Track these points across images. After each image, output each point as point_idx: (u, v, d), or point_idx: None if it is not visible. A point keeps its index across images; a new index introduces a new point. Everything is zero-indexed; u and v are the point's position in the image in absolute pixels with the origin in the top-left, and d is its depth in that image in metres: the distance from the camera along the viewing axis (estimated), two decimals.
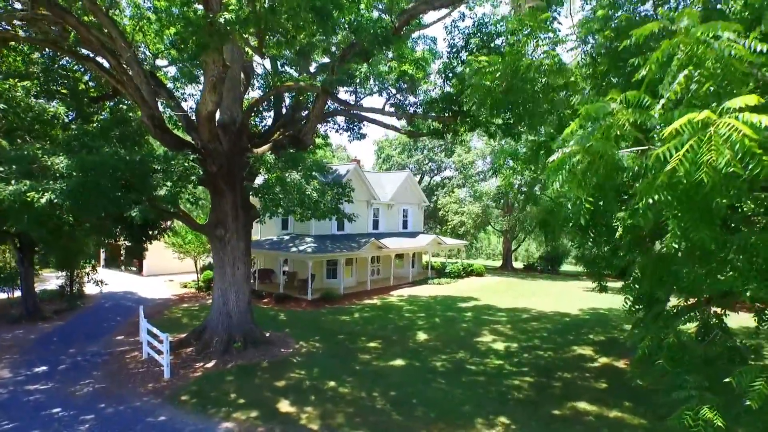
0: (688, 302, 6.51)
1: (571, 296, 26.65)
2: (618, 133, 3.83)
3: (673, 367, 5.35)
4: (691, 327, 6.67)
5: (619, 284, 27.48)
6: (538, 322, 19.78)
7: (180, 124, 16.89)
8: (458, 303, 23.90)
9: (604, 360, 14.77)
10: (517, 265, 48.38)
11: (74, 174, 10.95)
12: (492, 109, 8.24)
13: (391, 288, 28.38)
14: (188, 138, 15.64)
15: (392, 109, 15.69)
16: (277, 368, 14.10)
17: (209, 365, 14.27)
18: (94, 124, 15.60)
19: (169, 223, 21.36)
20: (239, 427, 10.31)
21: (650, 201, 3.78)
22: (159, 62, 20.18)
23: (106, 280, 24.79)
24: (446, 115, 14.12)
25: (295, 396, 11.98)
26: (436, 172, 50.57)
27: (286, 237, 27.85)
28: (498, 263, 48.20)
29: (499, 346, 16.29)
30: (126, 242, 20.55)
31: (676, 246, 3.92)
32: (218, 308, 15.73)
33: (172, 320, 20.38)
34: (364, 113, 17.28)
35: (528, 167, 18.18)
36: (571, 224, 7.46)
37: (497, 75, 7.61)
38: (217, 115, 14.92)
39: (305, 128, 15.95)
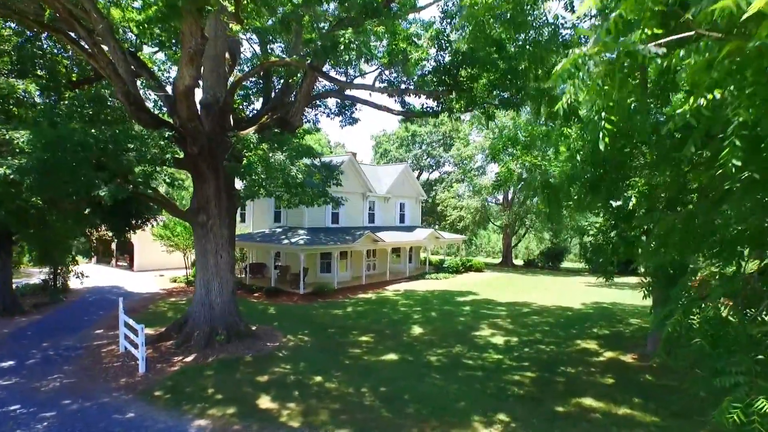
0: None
1: (573, 291, 25.76)
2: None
3: (713, 346, 4.40)
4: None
5: (622, 279, 26.65)
6: (539, 316, 18.89)
7: (165, 108, 16.01)
8: (456, 297, 23.01)
9: (609, 354, 13.88)
10: (517, 262, 47.49)
11: (36, 149, 10.05)
12: (489, 46, 7.24)
13: (387, 283, 27.49)
14: (170, 121, 14.75)
15: (383, 85, 14.78)
16: (261, 362, 13.22)
17: (189, 359, 13.38)
18: (65, 102, 14.67)
19: (160, 218, 20.48)
20: (213, 425, 9.42)
21: (701, 101, 2.79)
22: (148, 49, 19.30)
23: (96, 276, 24.02)
24: (441, 89, 13.22)
25: (277, 391, 11.10)
26: (434, 167, 49.67)
27: (279, 230, 26.97)
28: (498, 261, 47.28)
29: (499, 340, 15.40)
30: (108, 233, 19.53)
31: (737, 166, 2.89)
32: (200, 299, 14.84)
33: (157, 314, 19.48)
34: (354, 91, 16.38)
35: (529, 153, 17.36)
36: (581, 180, 6.54)
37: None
38: (199, 94, 14.06)
39: (293, 109, 15.07)
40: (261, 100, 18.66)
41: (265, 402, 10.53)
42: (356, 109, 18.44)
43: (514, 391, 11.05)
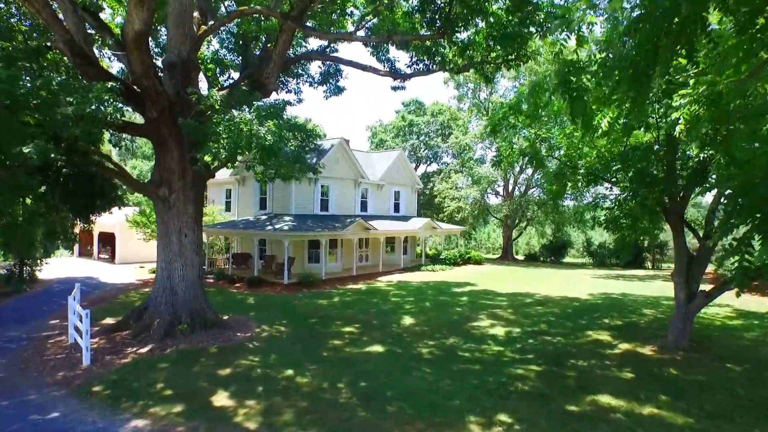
0: None
1: (578, 282, 24.06)
2: None
3: None
4: None
5: (630, 272, 24.94)
6: (543, 306, 17.19)
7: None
8: (452, 288, 21.30)
9: (625, 346, 12.18)
10: (518, 257, 45.80)
11: None
12: None
13: (380, 274, 25.79)
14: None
15: (365, 33, 13.07)
16: (227, 354, 11.54)
17: (144, 350, 11.70)
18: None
19: (135, 208, 18.73)
20: (152, 426, 7.76)
21: None
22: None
23: (73, 267, 22.35)
24: (431, 32, 11.51)
25: (238, 386, 9.43)
26: (432, 159, 47.92)
27: (264, 216, 25.27)
28: (497, 255, 45.57)
29: (499, 331, 13.70)
30: (70, 215, 17.80)
31: None
32: (161, 284, 13.16)
33: (126, 304, 17.77)
34: (336, 44, 14.66)
35: (533, 123, 15.66)
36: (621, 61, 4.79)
37: None
38: (156, 53, 12.36)
39: (268, 70, 13.36)
40: (239, 75, 16.97)
41: (221, 399, 8.86)
42: (341, 76, 16.72)
43: (518, 387, 9.36)
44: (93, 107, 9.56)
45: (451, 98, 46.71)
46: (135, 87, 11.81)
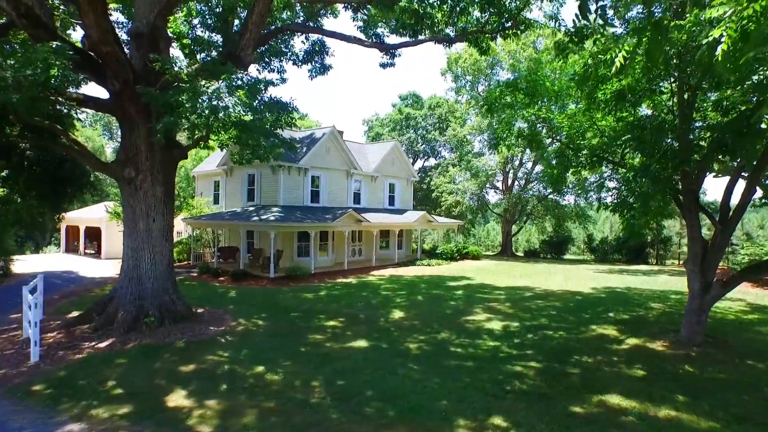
0: None
1: (580, 277, 22.97)
2: None
3: None
4: None
5: (633, 267, 23.85)
6: (543, 300, 16.08)
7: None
8: (447, 282, 20.20)
9: (633, 341, 11.08)
10: (518, 253, 44.69)
11: None
12: None
13: (373, 268, 24.68)
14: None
15: None
16: (195, 349, 10.46)
17: (103, 344, 10.61)
18: None
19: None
20: (90, 430, 6.65)
21: None
22: None
23: (56, 263, 21.23)
24: None
25: (199, 385, 8.35)
26: (430, 154, 46.78)
27: (251, 208, 24.17)
28: (496, 252, 44.43)
29: (495, 325, 12.60)
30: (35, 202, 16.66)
31: None
32: (127, 273, 12.06)
33: (99, 297, 16.61)
34: (319, 18, 13.56)
35: (532, 102, 14.55)
36: None
37: None
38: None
39: (244, 41, 12.25)
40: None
41: (176, 398, 7.77)
42: (326, 54, 15.58)
43: (515, 385, 8.26)
44: (35, 71, 8.44)
45: (449, 90, 45.55)
46: (94, 55, 10.68)
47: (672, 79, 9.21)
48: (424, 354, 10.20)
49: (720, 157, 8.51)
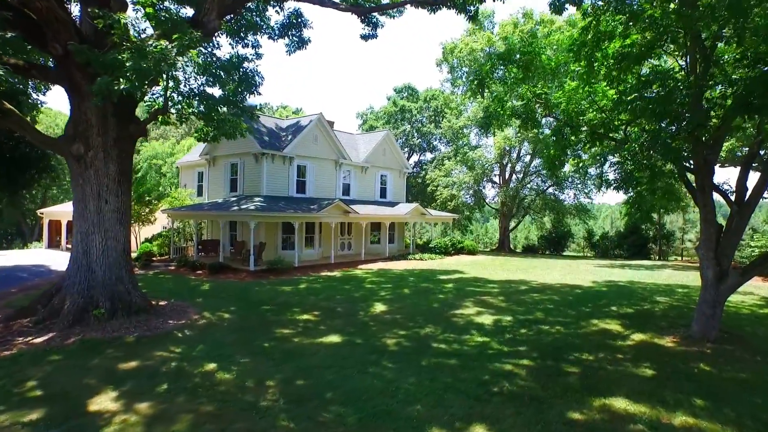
0: None
1: (580, 271, 21.75)
2: None
3: None
4: None
5: (635, 262, 22.59)
6: (540, 293, 14.86)
7: None
8: (438, 276, 18.99)
9: (639, 337, 9.87)
10: (517, 250, 43.46)
11: None
12: None
13: (362, 262, 23.46)
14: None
15: None
16: (144, 345, 9.27)
17: (40, 339, 9.40)
18: None
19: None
20: None
21: None
22: None
23: (32, 257, 20.01)
24: None
25: (136, 385, 7.16)
26: (426, 147, 45.52)
27: (233, 198, 22.95)
28: (493, 248, 43.21)
29: (486, 319, 11.39)
30: None
31: None
32: (76, 260, 10.86)
33: (48, 288, 15.38)
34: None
35: (527, 77, 13.35)
36: None
37: None
38: None
39: (206, 4, 11.02)
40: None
41: (102, 401, 6.57)
42: (304, 26, 14.33)
43: (504, 387, 7.06)
44: None
45: (444, 81, 44.25)
46: (29, 13, 9.45)
47: (684, 33, 7.98)
48: (403, 350, 8.99)
49: (744, 117, 7.28)
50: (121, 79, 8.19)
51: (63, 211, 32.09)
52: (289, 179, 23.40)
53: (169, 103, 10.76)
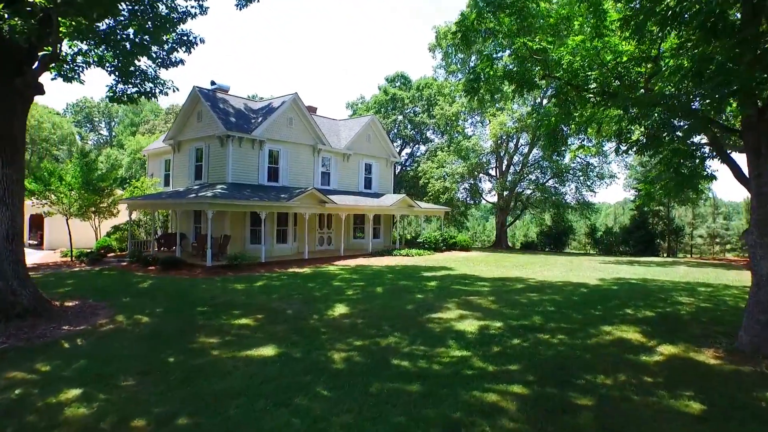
0: None
1: (583, 267, 19.36)
2: None
3: None
4: None
5: (640, 259, 20.15)
6: (538, 293, 12.46)
7: None
8: (422, 272, 16.57)
9: (668, 349, 7.47)
10: (515, 246, 41.07)
11: None
12: None
13: (340, 258, 21.06)
14: None
15: None
16: (5, 361, 6.86)
17: None
18: None
19: None
20: None
21: None
22: None
23: None
24: None
25: None
26: (418, 138, 43.06)
27: (197, 186, 20.57)
28: (491, 244, 40.80)
29: (469, 325, 8.98)
30: None
31: None
32: None
33: None
34: None
35: (522, 27, 11.05)
36: None
37: None
38: None
39: None
40: None
41: None
42: None
43: (482, 430, 4.67)
44: None
45: (437, 67, 41.72)
46: None
47: None
48: (351, 369, 6.60)
49: None
50: None
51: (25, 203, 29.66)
52: (260, 166, 21.00)
53: (65, 48, 8.35)
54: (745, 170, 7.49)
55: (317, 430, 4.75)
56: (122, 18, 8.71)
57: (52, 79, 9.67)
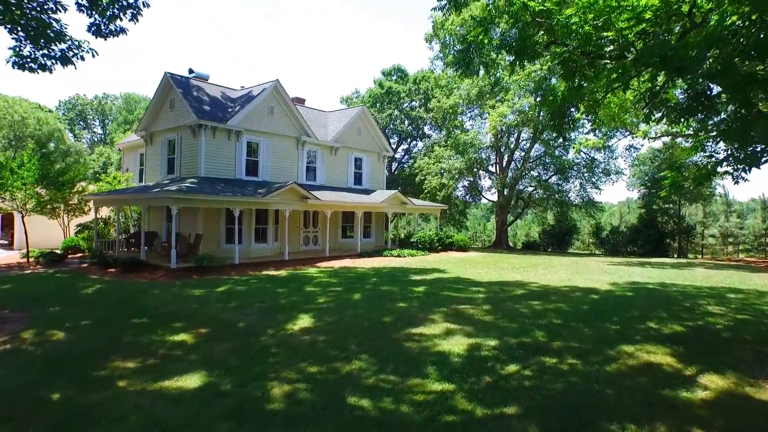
0: None
1: (590, 269, 17.58)
2: None
3: None
4: None
5: (651, 260, 18.22)
6: (541, 301, 10.66)
7: None
8: (411, 276, 14.80)
9: (714, 380, 5.70)
10: (516, 247, 39.27)
11: None
12: None
13: (324, 259, 19.31)
14: None
15: None
16: None
17: None
18: None
19: None
20: None
21: None
22: None
23: None
24: None
25: None
26: (415, 135, 41.26)
27: (167, 181, 18.85)
28: (490, 244, 39.01)
29: (455, 345, 7.20)
30: None
31: None
32: None
33: None
34: None
35: None
36: None
37: None
38: None
39: None
40: None
41: None
42: None
43: None
44: None
45: (435, 58, 39.80)
46: None
47: None
48: (289, 413, 4.86)
49: None
50: None
51: None
52: (237, 158, 19.27)
53: None
54: None
55: None
56: None
57: None
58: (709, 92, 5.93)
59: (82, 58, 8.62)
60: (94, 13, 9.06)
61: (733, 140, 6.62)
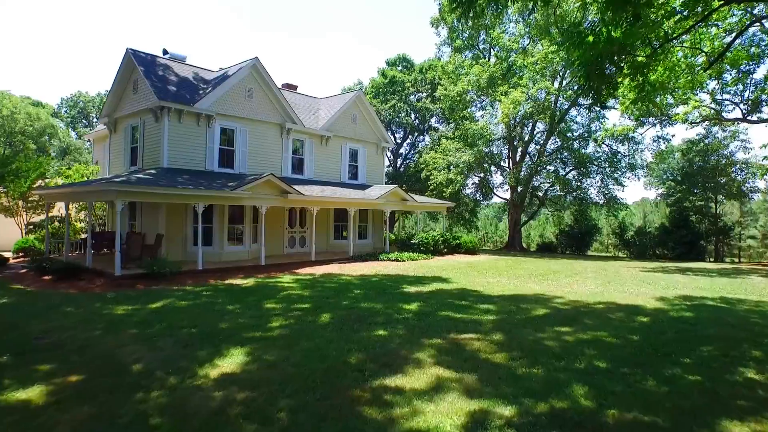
0: None
1: (622, 277, 14.68)
2: None
3: None
4: None
5: (691, 264, 15.03)
6: (573, 326, 7.83)
7: None
8: (404, 287, 12.02)
9: None
10: (530, 249, 36.27)
11: None
12: None
13: (307, 264, 16.65)
14: None
15: None
16: None
17: None
18: None
19: None
20: None
21: None
22: None
23: None
24: None
25: None
26: (421, 128, 38.44)
27: (128, 173, 16.34)
28: (502, 246, 36.06)
29: (446, 416, 4.46)
30: None
31: None
32: None
33: None
34: None
35: None
36: None
37: None
38: None
39: None
40: None
41: None
42: None
43: None
44: None
45: (442, 44, 36.82)
46: None
47: None
48: None
49: None
50: None
51: None
52: (208, 147, 16.71)
53: None
54: None
55: None
56: None
57: None
58: None
59: None
60: None
61: None
